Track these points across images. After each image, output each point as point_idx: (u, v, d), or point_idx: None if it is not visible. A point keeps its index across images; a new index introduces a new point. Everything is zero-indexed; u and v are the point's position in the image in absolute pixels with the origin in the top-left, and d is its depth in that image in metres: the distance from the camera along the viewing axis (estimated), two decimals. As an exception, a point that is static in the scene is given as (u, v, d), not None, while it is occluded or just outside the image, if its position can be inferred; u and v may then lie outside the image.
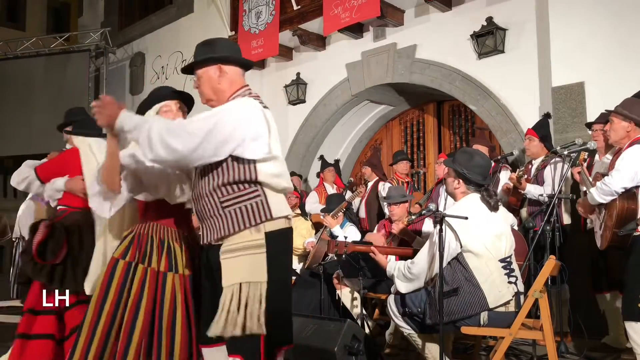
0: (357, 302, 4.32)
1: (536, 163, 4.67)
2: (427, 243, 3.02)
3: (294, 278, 4.91)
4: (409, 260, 3.08)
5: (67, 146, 3.53)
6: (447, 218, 2.83)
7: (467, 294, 2.84)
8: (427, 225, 4.23)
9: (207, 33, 7.80)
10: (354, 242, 3.92)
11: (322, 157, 7.27)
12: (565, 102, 4.96)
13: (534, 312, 2.98)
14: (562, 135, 4.94)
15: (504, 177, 4.87)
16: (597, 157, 4.21)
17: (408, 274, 3.02)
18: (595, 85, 4.79)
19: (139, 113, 2.53)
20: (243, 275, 2.03)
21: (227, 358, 2.08)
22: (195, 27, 8.77)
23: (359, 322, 3.90)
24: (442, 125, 7.39)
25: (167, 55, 9.35)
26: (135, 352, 2.18)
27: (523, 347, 3.90)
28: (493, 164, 4.13)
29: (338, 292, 4.45)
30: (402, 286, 3.06)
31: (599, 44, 4.78)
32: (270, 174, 2.12)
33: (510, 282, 2.92)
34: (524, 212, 4.64)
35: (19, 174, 3.31)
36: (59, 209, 3.29)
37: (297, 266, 5.33)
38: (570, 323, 4.03)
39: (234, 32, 7.88)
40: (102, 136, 2.94)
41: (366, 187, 6.29)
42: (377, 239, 4.41)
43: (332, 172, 6.81)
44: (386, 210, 5.41)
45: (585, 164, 3.79)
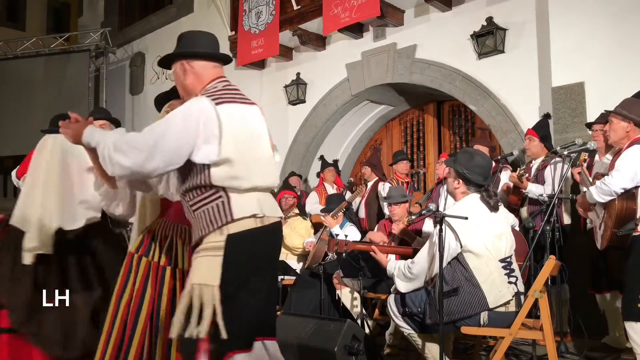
0: (357, 302, 4.33)
1: (536, 163, 4.67)
2: (427, 243, 3.03)
3: (293, 278, 4.91)
4: (409, 260, 3.09)
5: None
6: (447, 218, 2.84)
7: (467, 294, 2.85)
8: (427, 225, 4.23)
9: (207, 33, 7.86)
10: (354, 242, 3.93)
11: (322, 157, 7.27)
12: (565, 102, 4.96)
13: (534, 312, 2.98)
14: (562, 135, 4.93)
15: (504, 177, 4.87)
16: (597, 157, 4.22)
17: (408, 273, 3.03)
18: (595, 85, 4.79)
19: (156, 106, 2.58)
20: (197, 277, 2.00)
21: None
22: (195, 27, 8.59)
23: (359, 322, 3.90)
24: (442, 125, 7.39)
25: (167, 56, 9.33)
26: (139, 344, 2.21)
27: (523, 347, 3.90)
28: (494, 164, 4.13)
29: (338, 292, 4.45)
30: (402, 286, 3.07)
31: (598, 44, 4.78)
32: (225, 177, 2.03)
33: (510, 282, 2.92)
34: (524, 212, 4.64)
35: None
36: None
37: (297, 266, 5.33)
38: (570, 323, 4.03)
39: (234, 32, 7.88)
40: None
41: (366, 187, 6.29)
42: (378, 236, 4.42)
43: (332, 172, 6.81)
44: (386, 210, 5.41)
45: (585, 164, 3.80)
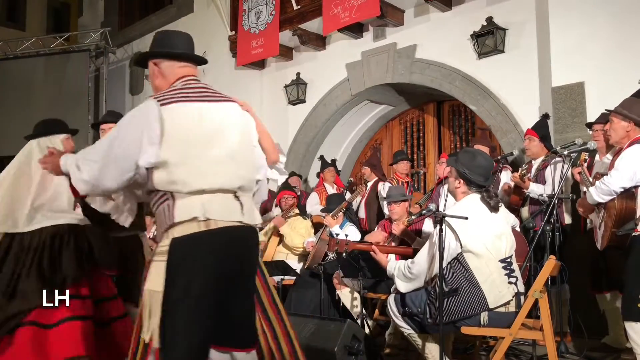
0: (357, 302, 4.32)
1: (536, 163, 4.66)
2: (428, 243, 3.03)
3: (293, 278, 4.90)
4: (409, 260, 3.09)
5: None
6: (447, 218, 2.84)
7: (467, 294, 2.85)
8: (427, 225, 4.23)
9: (207, 33, 7.88)
10: (354, 242, 3.93)
11: (322, 157, 7.27)
12: (565, 102, 4.96)
13: (534, 312, 2.98)
14: (562, 135, 4.93)
15: (505, 177, 4.87)
16: (597, 157, 4.22)
17: (408, 273, 3.03)
18: (595, 85, 4.79)
19: None
20: (148, 283, 1.96)
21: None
22: (195, 27, 8.72)
23: (359, 322, 3.90)
24: (442, 125, 7.39)
25: (167, 55, 9.31)
26: None
27: (523, 347, 3.90)
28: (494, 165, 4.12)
29: (338, 292, 4.45)
30: (402, 286, 3.07)
31: (598, 44, 4.78)
32: (165, 181, 1.97)
33: (510, 283, 2.92)
34: (525, 212, 4.64)
35: None
36: None
37: (297, 266, 5.33)
38: (570, 323, 4.03)
39: (234, 32, 7.88)
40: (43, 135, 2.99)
41: (366, 187, 6.29)
42: (377, 236, 4.42)
43: (332, 172, 6.81)
44: (386, 210, 5.41)
45: (585, 164, 3.79)
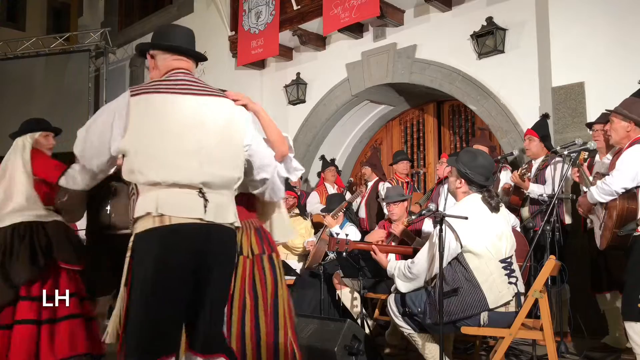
0: (357, 302, 4.32)
1: (536, 163, 4.66)
2: (428, 243, 3.03)
3: (293, 278, 4.90)
4: (409, 260, 3.09)
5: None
6: (447, 218, 2.84)
7: (467, 294, 2.84)
8: (427, 225, 4.22)
9: (207, 33, 7.85)
10: (355, 241, 3.92)
11: (322, 157, 7.27)
12: (565, 102, 4.96)
13: (534, 312, 2.98)
14: (562, 135, 4.93)
15: (504, 177, 4.86)
16: (597, 157, 4.21)
17: (408, 273, 3.03)
18: (595, 85, 4.79)
19: None
20: (122, 279, 1.97)
21: None
22: (195, 27, 8.63)
23: (359, 322, 3.90)
24: (442, 125, 7.39)
25: (167, 55, 9.31)
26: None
27: (523, 347, 3.90)
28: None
29: (338, 292, 4.46)
30: (402, 285, 3.07)
31: (599, 44, 4.78)
32: (126, 169, 1.95)
33: (510, 283, 2.92)
34: (526, 212, 4.64)
35: None
36: None
37: (298, 266, 5.33)
38: (570, 323, 4.03)
39: (234, 32, 7.88)
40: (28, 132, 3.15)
41: (366, 187, 6.29)
42: (377, 235, 4.41)
43: (333, 172, 6.82)
44: (386, 211, 5.41)
45: (585, 164, 3.79)
